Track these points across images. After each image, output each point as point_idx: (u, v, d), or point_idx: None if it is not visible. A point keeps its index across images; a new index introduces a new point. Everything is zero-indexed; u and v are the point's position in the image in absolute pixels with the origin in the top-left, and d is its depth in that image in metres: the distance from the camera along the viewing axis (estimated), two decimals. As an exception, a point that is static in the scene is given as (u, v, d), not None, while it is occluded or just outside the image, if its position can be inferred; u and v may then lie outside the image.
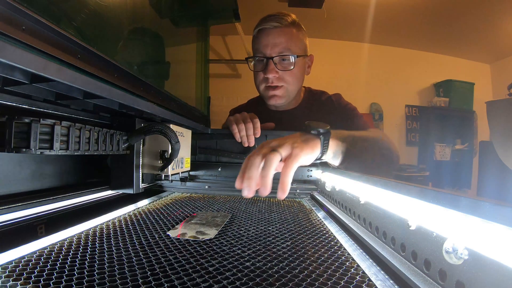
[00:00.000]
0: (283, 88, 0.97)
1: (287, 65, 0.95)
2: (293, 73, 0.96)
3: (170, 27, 0.77)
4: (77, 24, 0.37)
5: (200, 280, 0.28)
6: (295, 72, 0.96)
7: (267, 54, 0.94)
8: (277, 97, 0.98)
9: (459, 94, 3.00)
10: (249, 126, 0.82)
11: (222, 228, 0.46)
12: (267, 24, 0.94)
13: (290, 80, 0.97)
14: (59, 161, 0.54)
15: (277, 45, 0.93)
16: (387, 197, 0.34)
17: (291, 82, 0.97)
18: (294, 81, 0.98)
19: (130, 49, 0.54)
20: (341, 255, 0.35)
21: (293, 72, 0.96)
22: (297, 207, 0.64)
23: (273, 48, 0.93)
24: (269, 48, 0.93)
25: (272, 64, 0.93)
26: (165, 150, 0.60)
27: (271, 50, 0.93)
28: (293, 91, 1.00)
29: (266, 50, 0.94)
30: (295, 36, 0.96)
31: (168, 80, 0.72)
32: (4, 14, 0.23)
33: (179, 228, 0.45)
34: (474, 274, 0.21)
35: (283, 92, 0.98)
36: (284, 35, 0.94)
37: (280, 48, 0.93)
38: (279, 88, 0.97)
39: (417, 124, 3.16)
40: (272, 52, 0.93)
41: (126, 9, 0.51)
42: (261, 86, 1.00)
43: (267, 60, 0.94)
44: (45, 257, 0.32)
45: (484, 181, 2.22)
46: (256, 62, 0.99)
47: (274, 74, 0.94)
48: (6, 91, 0.33)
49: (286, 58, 0.94)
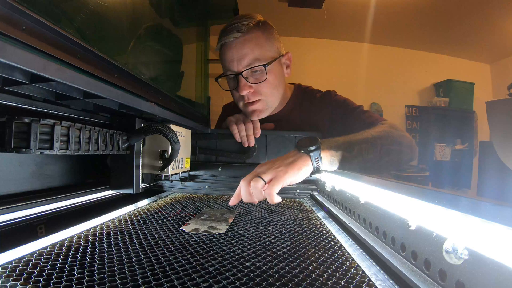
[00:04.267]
0: (261, 102, 0.88)
1: (260, 76, 0.85)
2: (268, 83, 0.87)
3: (170, 27, 0.77)
4: (77, 24, 0.37)
5: (200, 280, 0.28)
6: (270, 81, 0.87)
7: (235, 70, 0.84)
8: (257, 111, 0.89)
9: (459, 94, 3.00)
10: (249, 126, 0.82)
11: (231, 224, 0.49)
12: (228, 37, 0.84)
13: (267, 91, 0.88)
14: (59, 161, 0.54)
15: (243, 57, 0.83)
16: (387, 197, 0.34)
17: (268, 93, 0.88)
18: (272, 91, 0.89)
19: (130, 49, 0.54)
20: (341, 255, 0.35)
21: (268, 81, 0.86)
22: (297, 207, 0.64)
23: (240, 62, 0.83)
24: (235, 63, 0.84)
25: (243, 80, 0.84)
26: (165, 150, 0.60)
27: (238, 65, 0.84)
28: (273, 101, 0.92)
29: (233, 66, 0.85)
30: (262, 41, 0.85)
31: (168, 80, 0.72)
32: (4, 14, 0.23)
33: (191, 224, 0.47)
34: (474, 274, 0.21)
35: (263, 105, 0.89)
36: (248, 44, 0.83)
37: (248, 60, 0.83)
38: (257, 102, 0.88)
39: (417, 124, 3.16)
40: (239, 67, 0.84)
41: (126, 9, 0.51)
42: (240, 104, 0.91)
43: (237, 76, 0.85)
44: (45, 257, 0.32)
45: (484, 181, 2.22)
46: (228, 80, 0.90)
47: (248, 90, 0.85)
48: (6, 91, 0.33)
49: (256, 69, 0.84)
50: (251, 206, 0.64)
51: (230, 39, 0.83)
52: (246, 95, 0.86)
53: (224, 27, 0.87)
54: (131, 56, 0.53)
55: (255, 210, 0.60)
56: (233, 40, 0.83)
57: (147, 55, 0.61)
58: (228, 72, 0.87)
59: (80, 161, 0.59)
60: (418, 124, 3.15)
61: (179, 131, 0.65)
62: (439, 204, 0.24)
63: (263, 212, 0.58)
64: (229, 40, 0.84)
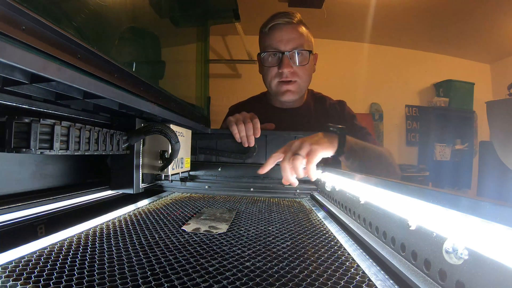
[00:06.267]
0: (296, 84, 0.98)
1: (302, 60, 0.96)
2: (306, 69, 0.97)
3: (170, 27, 0.77)
4: (77, 24, 0.37)
5: (200, 280, 0.28)
6: (308, 68, 0.98)
7: (282, 49, 0.94)
8: (290, 92, 0.99)
9: (459, 94, 3.00)
10: (249, 126, 0.82)
11: (231, 223, 0.49)
12: (280, 20, 0.95)
13: (303, 75, 0.98)
14: (59, 161, 0.54)
15: (291, 40, 0.94)
16: (387, 197, 0.34)
17: (304, 78, 0.98)
18: (307, 77, 1.00)
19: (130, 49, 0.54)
20: (341, 255, 0.35)
21: (306, 67, 0.97)
22: (297, 207, 0.64)
23: (287, 43, 0.94)
24: (284, 43, 0.94)
25: (287, 58, 0.94)
26: (165, 150, 0.60)
27: (285, 45, 0.94)
28: (304, 87, 1.01)
29: (280, 45, 0.94)
30: (305, 33, 0.97)
31: (168, 80, 0.72)
32: (4, 14, 0.23)
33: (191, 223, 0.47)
34: (474, 274, 0.21)
35: (296, 87, 0.99)
36: (296, 31, 0.95)
37: (294, 43, 0.94)
38: (293, 83, 0.98)
39: (417, 124, 3.16)
40: (286, 47, 0.94)
41: (126, 9, 0.51)
42: (274, 82, 1.00)
43: (282, 54, 0.94)
44: (45, 257, 0.32)
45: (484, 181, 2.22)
46: (268, 57, 0.99)
47: (289, 69, 0.95)
48: (6, 91, 0.33)
49: (300, 53, 0.95)
50: (251, 206, 0.64)
51: (282, 22, 0.95)
52: (286, 72, 0.95)
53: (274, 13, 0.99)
54: (124, 52, 0.52)
55: (255, 210, 0.60)
56: (285, 23, 0.95)
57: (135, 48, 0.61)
58: (274, 50, 0.96)
59: (80, 161, 0.59)
60: (418, 124, 3.15)
61: (179, 131, 0.65)
62: (439, 204, 0.24)
63: (263, 212, 0.58)
64: (281, 22, 0.95)
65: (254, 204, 0.67)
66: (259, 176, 0.82)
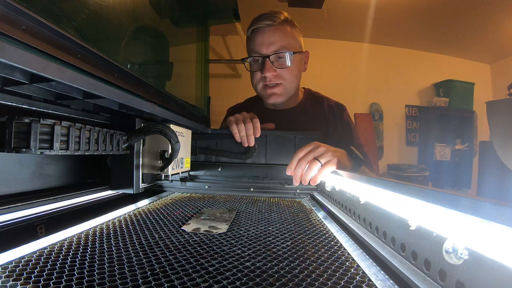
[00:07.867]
0: (281, 86, 0.97)
1: (284, 62, 0.95)
2: (290, 70, 0.96)
3: (170, 27, 0.77)
4: (77, 24, 0.37)
5: (200, 280, 0.28)
6: (292, 69, 0.96)
7: (263, 53, 0.94)
8: (276, 95, 0.99)
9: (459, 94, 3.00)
10: (249, 126, 0.82)
11: (231, 224, 0.49)
12: (261, 23, 0.94)
13: (287, 77, 0.97)
14: (59, 161, 0.54)
15: (273, 43, 0.93)
16: (387, 197, 0.34)
17: (289, 80, 0.97)
18: (292, 78, 0.98)
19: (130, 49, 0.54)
20: (341, 255, 0.35)
21: (290, 69, 0.96)
22: (297, 207, 0.64)
23: (269, 47, 0.93)
24: (265, 46, 0.94)
25: (268, 62, 0.94)
26: (165, 150, 0.60)
27: (266, 49, 0.94)
28: (291, 88, 1.00)
29: (261, 49, 0.94)
30: (289, 33, 0.96)
31: (168, 80, 0.72)
32: (4, 14, 0.23)
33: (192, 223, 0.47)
34: (474, 274, 0.21)
35: (282, 90, 0.98)
36: (278, 33, 0.94)
37: (276, 46, 0.93)
38: (278, 86, 0.97)
39: (417, 124, 3.16)
40: (268, 51, 0.93)
41: (126, 9, 0.51)
42: (259, 86, 1.00)
43: (263, 59, 0.94)
44: (45, 257, 0.32)
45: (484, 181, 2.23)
46: (252, 62, 0.99)
47: (272, 73, 0.94)
48: (6, 91, 0.33)
49: (282, 55, 0.94)
50: (251, 206, 0.64)
51: (263, 25, 0.94)
52: (269, 76, 0.95)
53: (257, 16, 0.97)
54: (124, 52, 0.52)
55: (255, 210, 0.60)
56: (266, 26, 0.94)
57: (135, 48, 0.61)
58: (256, 55, 0.96)
59: (80, 161, 0.59)
60: (418, 124, 3.15)
61: (179, 131, 0.65)
62: (439, 204, 0.24)
63: (263, 212, 0.58)
64: (262, 26, 0.94)
65: (254, 204, 0.67)
66: (259, 176, 0.82)
